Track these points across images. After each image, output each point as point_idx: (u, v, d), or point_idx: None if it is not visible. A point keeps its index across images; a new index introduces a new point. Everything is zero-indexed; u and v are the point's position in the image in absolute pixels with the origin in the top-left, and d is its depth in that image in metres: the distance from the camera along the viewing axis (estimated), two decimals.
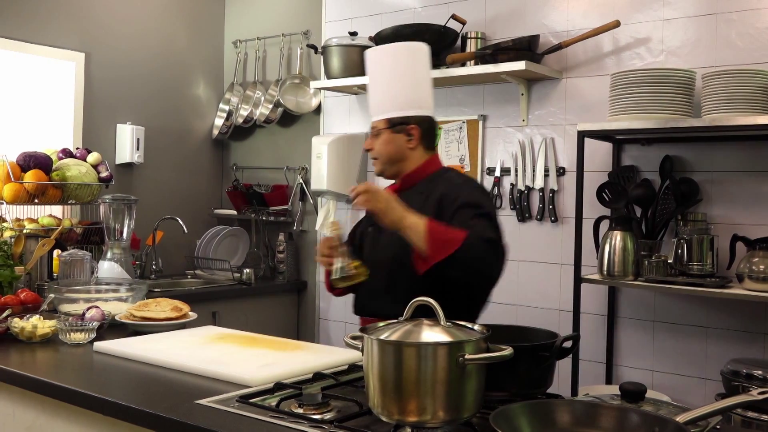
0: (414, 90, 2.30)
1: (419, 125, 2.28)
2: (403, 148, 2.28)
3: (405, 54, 2.31)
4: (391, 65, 2.30)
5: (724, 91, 2.75)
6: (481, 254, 2.01)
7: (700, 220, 2.98)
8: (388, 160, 2.30)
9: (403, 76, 2.29)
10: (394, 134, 2.27)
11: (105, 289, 2.66)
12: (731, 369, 2.60)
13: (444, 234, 2.00)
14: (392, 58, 2.31)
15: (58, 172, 3.55)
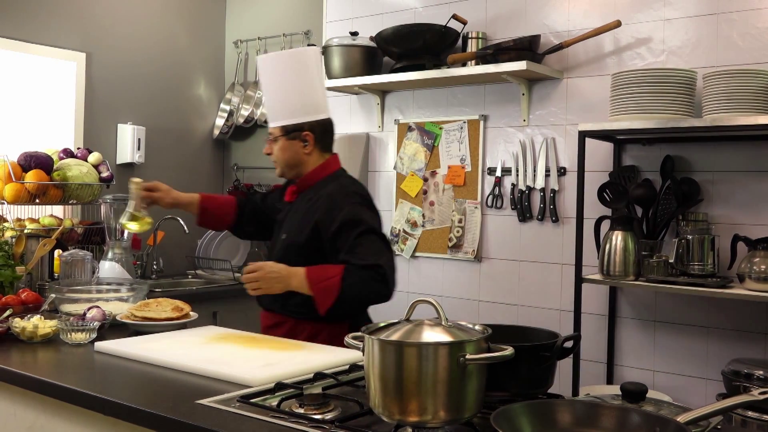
0: (306, 96, 2.38)
1: (312, 131, 2.40)
2: (300, 153, 2.41)
3: (294, 61, 2.39)
4: (282, 73, 2.37)
5: (725, 91, 2.75)
6: (361, 288, 2.19)
7: (701, 220, 2.97)
8: (286, 165, 2.43)
9: (295, 83, 2.37)
10: (289, 141, 2.39)
11: (106, 289, 2.66)
12: (732, 369, 2.60)
13: (323, 282, 2.18)
14: (283, 65, 2.39)
15: (59, 172, 3.55)
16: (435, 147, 3.85)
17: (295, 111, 2.37)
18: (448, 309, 1.57)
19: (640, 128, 2.87)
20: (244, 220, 2.70)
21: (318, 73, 2.43)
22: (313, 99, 2.40)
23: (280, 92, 2.38)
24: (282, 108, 2.38)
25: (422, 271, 3.91)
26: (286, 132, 2.39)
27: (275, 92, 2.40)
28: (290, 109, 2.37)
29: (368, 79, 3.83)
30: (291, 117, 2.37)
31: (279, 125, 2.39)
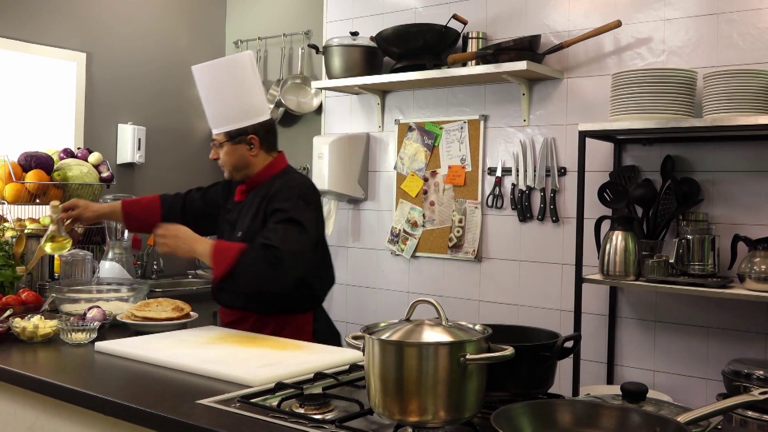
0: (246, 100, 2.46)
1: (256, 134, 2.46)
2: (246, 156, 2.47)
3: (230, 68, 2.44)
4: (219, 80, 2.43)
5: (726, 91, 2.75)
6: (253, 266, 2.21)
7: (701, 220, 2.97)
8: (234, 168, 2.49)
9: (233, 90, 2.43)
10: (234, 145, 2.45)
11: (106, 289, 2.66)
12: (732, 369, 2.60)
13: (223, 252, 2.23)
14: (218, 73, 2.44)
15: (60, 172, 3.55)
16: (435, 147, 3.85)
17: (237, 116, 2.44)
18: (448, 309, 1.58)
19: (641, 128, 2.87)
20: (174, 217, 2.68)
21: (255, 77, 2.49)
22: (253, 103, 2.47)
23: (220, 99, 2.44)
24: (224, 114, 2.44)
25: (422, 271, 3.91)
26: (231, 137, 2.45)
27: (215, 100, 2.46)
28: (232, 115, 2.43)
29: (368, 79, 3.83)
30: (234, 122, 2.44)
31: (223, 131, 2.45)
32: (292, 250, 2.23)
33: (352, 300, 4.19)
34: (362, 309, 4.13)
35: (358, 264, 4.16)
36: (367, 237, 4.14)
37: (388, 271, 4.04)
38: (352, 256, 4.20)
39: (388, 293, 4.04)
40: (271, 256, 2.20)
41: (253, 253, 2.22)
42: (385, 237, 4.04)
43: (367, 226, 4.14)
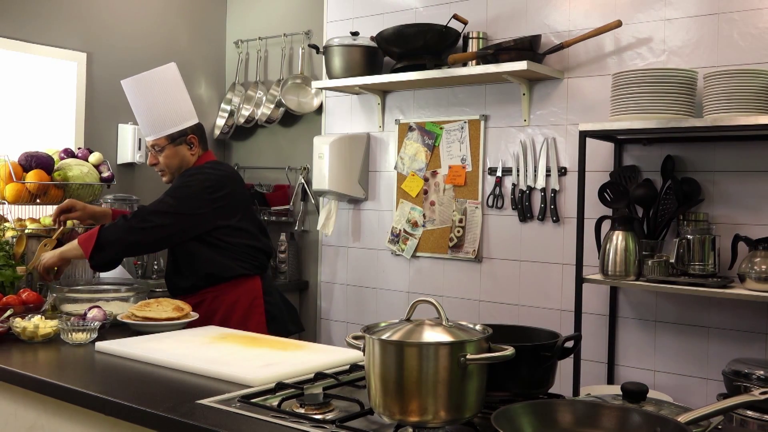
0: (180, 105, 2.71)
1: (194, 133, 2.75)
2: (187, 156, 2.73)
3: (160, 79, 2.69)
4: (153, 90, 2.66)
5: (726, 91, 2.75)
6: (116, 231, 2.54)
7: (701, 220, 2.97)
8: (176, 170, 2.73)
9: (168, 97, 2.68)
10: (176, 147, 2.70)
11: (107, 289, 2.66)
12: (733, 369, 2.60)
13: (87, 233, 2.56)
14: (152, 84, 2.67)
15: (60, 172, 3.55)
16: (436, 147, 3.85)
17: (175, 120, 2.69)
18: (448, 309, 1.58)
19: (641, 128, 2.87)
20: None
21: (181, 84, 2.76)
22: (186, 108, 2.74)
23: (156, 107, 2.66)
24: (161, 120, 2.66)
25: (423, 271, 3.91)
26: (172, 140, 2.69)
27: (150, 108, 2.67)
28: (170, 120, 2.67)
29: (369, 79, 3.83)
30: (173, 126, 2.68)
31: (164, 135, 2.67)
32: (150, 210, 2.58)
33: (353, 300, 4.19)
34: (362, 309, 4.13)
35: (359, 264, 4.16)
36: (368, 237, 4.14)
37: (389, 271, 4.04)
38: (352, 256, 4.20)
39: (388, 293, 4.04)
40: (130, 219, 2.55)
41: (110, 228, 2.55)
42: (385, 237, 4.04)
43: (367, 226, 4.14)
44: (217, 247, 2.67)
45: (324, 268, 4.34)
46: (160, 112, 2.66)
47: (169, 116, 2.67)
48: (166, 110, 2.66)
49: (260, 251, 2.78)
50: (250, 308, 2.69)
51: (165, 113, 2.66)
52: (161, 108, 2.66)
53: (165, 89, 2.68)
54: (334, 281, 4.26)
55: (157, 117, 2.67)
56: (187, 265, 2.72)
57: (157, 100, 2.67)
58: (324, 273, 4.34)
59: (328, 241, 4.28)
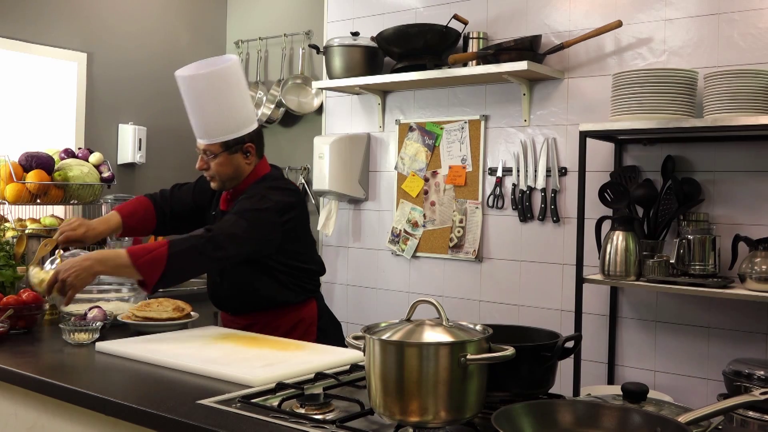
0: (241, 110, 2.39)
1: (252, 141, 2.42)
2: (242, 165, 2.42)
3: (223, 77, 2.35)
4: (213, 89, 2.33)
5: (726, 91, 2.75)
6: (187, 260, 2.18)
7: (702, 221, 2.97)
8: (228, 179, 2.43)
9: (229, 99, 2.35)
10: (231, 155, 2.39)
11: (107, 289, 2.65)
12: (733, 369, 2.60)
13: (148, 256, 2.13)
14: (212, 82, 2.33)
15: (60, 172, 3.55)
16: (436, 147, 3.85)
17: (234, 126, 2.37)
18: (449, 309, 1.58)
19: (641, 128, 2.87)
20: (167, 219, 2.66)
21: (244, 85, 2.44)
22: (248, 111, 2.43)
23: (211, 110, 2.34)
24: (219, 125, 2.35)
25: (423, 272, 3.91)
26: (227, 147, 2.38)
27: (206, 110, 2.35)
28: (228, 125, 2.36)
29: (369, 80, 3.83)
30: (231, 132, 2.37)
31: (219, 141, 2.37)
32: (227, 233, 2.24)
33: (353, 300, 4.19)
34: (363, 309, 4.13)
35: (359, 264, 4.16)
36: (368, 237, 4.14)
37: (389, 272, 4.04)
38: (352, 256, 4.20)
39: (388, 293, 4.04)
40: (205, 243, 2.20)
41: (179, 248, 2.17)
42: (385, 237, 4.04)
43: (367, 226, 4.14)
44: (275, 270, 2.41)
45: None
46: (217, 115, 2.34)
47: (227, 121, 2.35)
48: (225, 114, 2.34)
49: (316, 273, 2.57)
50: (304, 335, 2.45)
51: (223, 118, 2.34)
52: (219, 111, 2.34)
53: (225, 89, 2.34)
54: (334, 281, 4.26)
55: (212, 121, 2.35)
56: (236, 286, 2.46)
57: (215, 101, 2.34)
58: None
59: (329, 241, 4.28)
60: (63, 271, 2.12)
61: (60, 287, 2.13)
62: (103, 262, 2.15)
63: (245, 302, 2.49)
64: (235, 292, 2.48)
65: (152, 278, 2.14)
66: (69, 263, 2.14)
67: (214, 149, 2.38)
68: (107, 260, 2.16)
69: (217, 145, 2.37)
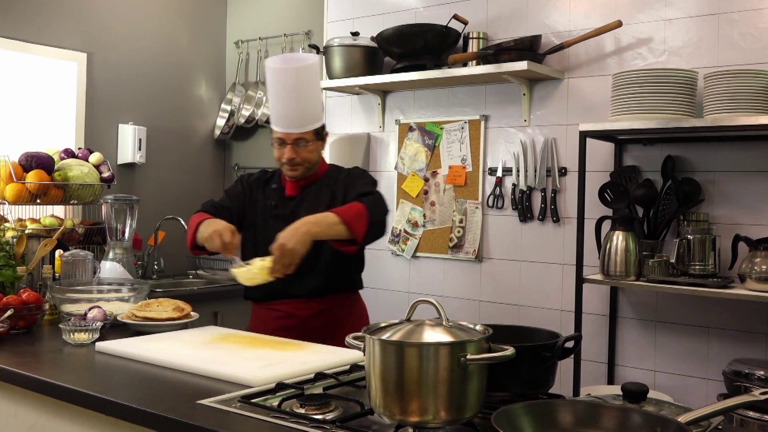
0: (320, 100, 2.61)
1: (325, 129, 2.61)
2: (321, 152, 2.60)
3: (312, 71, 2.51)
4: (303, 82, 2.47)
5: (726, 91, 2.75)
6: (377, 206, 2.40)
7: (702, 221, 2.97)
8: (313, 165, 2.56)
9: (314, 91, 2.53)
10: (318, 142, 2.55)
11: (107, 289, 2.66)
12: (733, 369, 2.60)
13: (351, 212, 2.29)
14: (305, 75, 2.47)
15: (60, 172, 3.56)
16: (436, 147, 3.85)
17: (320, 114, 2.56)
18: (449, 309, 1.58)
19: (641, 128, 2.87)
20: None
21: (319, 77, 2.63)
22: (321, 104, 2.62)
23: (304, 100, 2.47)
24: (310, 113, 2.49)
25: (423, 272, 3.91)
26: (317, 134, 2.53)
27: (299, 100, 2.47)
28: (316, 114, 2.51)
29: (369, 80, 3.83)
30: (318, 120, 2.52)
31: (312, 129, 2.50)
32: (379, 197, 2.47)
33: None
34: None
35: None
36: None
37: (389, 272, 4.04)
38: None
39: (388, 293, 4.04)
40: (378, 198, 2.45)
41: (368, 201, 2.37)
42: (385, 237, 4.03)
43: None
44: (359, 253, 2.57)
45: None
46: (309, 105, 2.49)
47: (316, 110, 2.53)
48: (314, 104, 2.51)
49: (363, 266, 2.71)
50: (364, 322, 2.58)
51: (313, 107, 2.51)
52: (311, 101, 2.50)
53: (314, 81, 2.52)
54: None
55: (306, 110, 2.48)
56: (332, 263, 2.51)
57: (310, 91, 2.50)
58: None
59: None
60: (287, 240, 2.16)
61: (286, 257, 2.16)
62: (317, 224, 2.23)
63: (333, 282, 2.54)
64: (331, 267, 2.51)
65: (360, 231, 2.28)
66: (287, 233, 2.18)
67: (308, 137, 2.50)
68: (320, 221, 2.24)
69: (311, 133, 2.50)
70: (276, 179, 2.66)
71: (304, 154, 2.51)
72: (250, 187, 2.67)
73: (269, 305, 2.57)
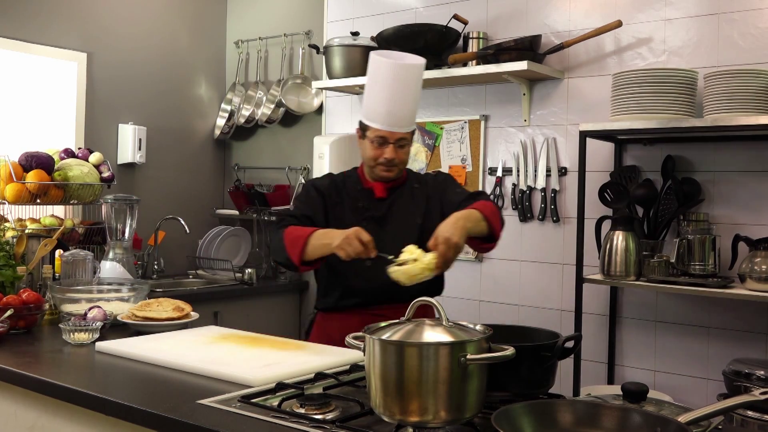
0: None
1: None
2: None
3: (419, 71, 2.44)
4: (410, 80, 2.39)
5: (726, 91, 2.75)
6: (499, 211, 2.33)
7: (702, 220, 2.97)
8: (404, 167, 2.48)
9: (417, 91, 2.44)
10: (412, 143, 2.48)
11: (107, 289, 2.66)
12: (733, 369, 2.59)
13: (487, 208, 2.24)
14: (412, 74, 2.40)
15: (60, 172, 3.55)
16: (436, 147, 3.85)
17: (415, 115, 2.47)
18: (448, 309, 1.58)
19: (641, 128, 2.87)
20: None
21: None
22: None
23: (413, 98, 2.40)
24: (413, 113, 2.43)
25: None
26: (413, 134, 2.48)
27: (410, 98, 2.39)
28: (414, 114, 2.45)
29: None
30: (415, 121, 2.47)
31: (411, 129, 2.43)
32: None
33: None
34: None
35: None
36: None
37: None
38: None
39: None
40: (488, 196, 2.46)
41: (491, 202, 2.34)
42: None
43: None
44: None
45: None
46: (414, 104, 2.41)
47: (414, 110, 2.44)
48: (414, 104, 2.42)
49: None
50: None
51: (416, 106, 2.43)
52: (416, 100, 2.42)
53: (420, 80, 2.44)
54: None
55: (412, 109, 2.40)
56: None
57: (415, 90, 2.42)
58: None
59: None
60: (451, 234, 2.07)
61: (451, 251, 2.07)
62: (469, 219, 2.17)
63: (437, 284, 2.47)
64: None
65: (499, 228, 2.27)
66: (448, 228, 2.09)
67: (409, 137, 2.43)
68: (470, 217, 2.18)
69: (410, 133, 2.44)
70: (354, 180, 2.52)
71: (402, 155, 2.42)
72: (326, 192, 2.48)
73: (369, 311, 2.39)
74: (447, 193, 2.46)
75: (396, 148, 2.39)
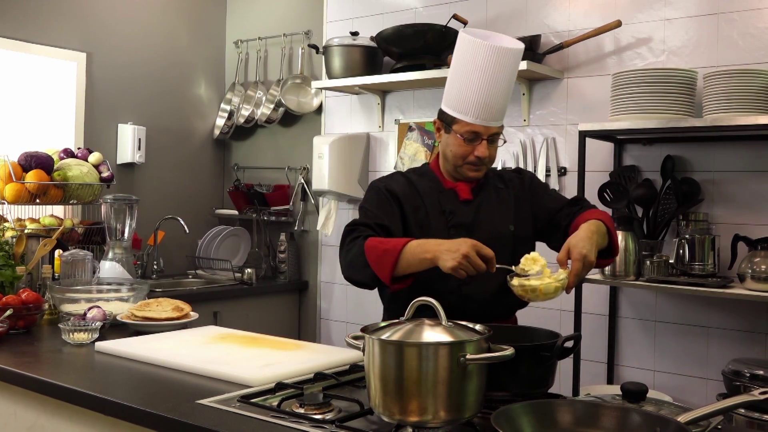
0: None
1: None
2: None
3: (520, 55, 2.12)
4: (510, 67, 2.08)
5: (726, 91, 2.75)
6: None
7: (701, 220, 2.97)
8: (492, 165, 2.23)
9: (514, 79, 2.14)
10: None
11: (106, 289, 2.66)
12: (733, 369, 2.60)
13: (608, 220, 2.06)
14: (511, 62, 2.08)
15: (60, 172, 3.55)
16: (435, 147, 3.85)
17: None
18: None
19: (641, 128, 2.87)
20: None
21: None
22: None
23: (508, 88, 2.10)
24: (506, 105, 2.13)
25: None
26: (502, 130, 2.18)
27: (506, 89, 2.09)
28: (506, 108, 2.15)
29: (369, 79, 3.83)
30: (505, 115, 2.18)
31: (501, 124, 2.13)
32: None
33: (353, 300, 4.18)
34: (362, 309, 4.13)
35: None
36: None
37: None
38: None
39: None
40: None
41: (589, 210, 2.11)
42: None
43: None
44: None
45: (324, 268, 4.34)
46: (504, 97, 2.08)
47: (506, 104, 2.12)
48: (507, 97, 2.11)
49: None
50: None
51: (506, 100, 2.10)
52: (507, 93, 2.09)
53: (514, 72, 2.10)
54: (333, 281, 4.26)
55: (507, 101, 2.11)
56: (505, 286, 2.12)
57: (513, 80, 2.10)
58: (324, 273, 4.34)
59: (328, 241, 4.28)
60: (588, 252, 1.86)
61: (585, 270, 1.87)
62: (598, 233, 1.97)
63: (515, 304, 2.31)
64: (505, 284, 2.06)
65: (617, 240, 2.09)
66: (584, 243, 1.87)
67: (501, 132, 2.15)
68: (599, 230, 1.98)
69: (502, 127, 2.15)
70: (432, 179, 2.21)
71: (494, 153, 2.14)
72: (402, 195, 2.15)
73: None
74: (540, 198, 2.21)
75: (488, 144, 2.10)
